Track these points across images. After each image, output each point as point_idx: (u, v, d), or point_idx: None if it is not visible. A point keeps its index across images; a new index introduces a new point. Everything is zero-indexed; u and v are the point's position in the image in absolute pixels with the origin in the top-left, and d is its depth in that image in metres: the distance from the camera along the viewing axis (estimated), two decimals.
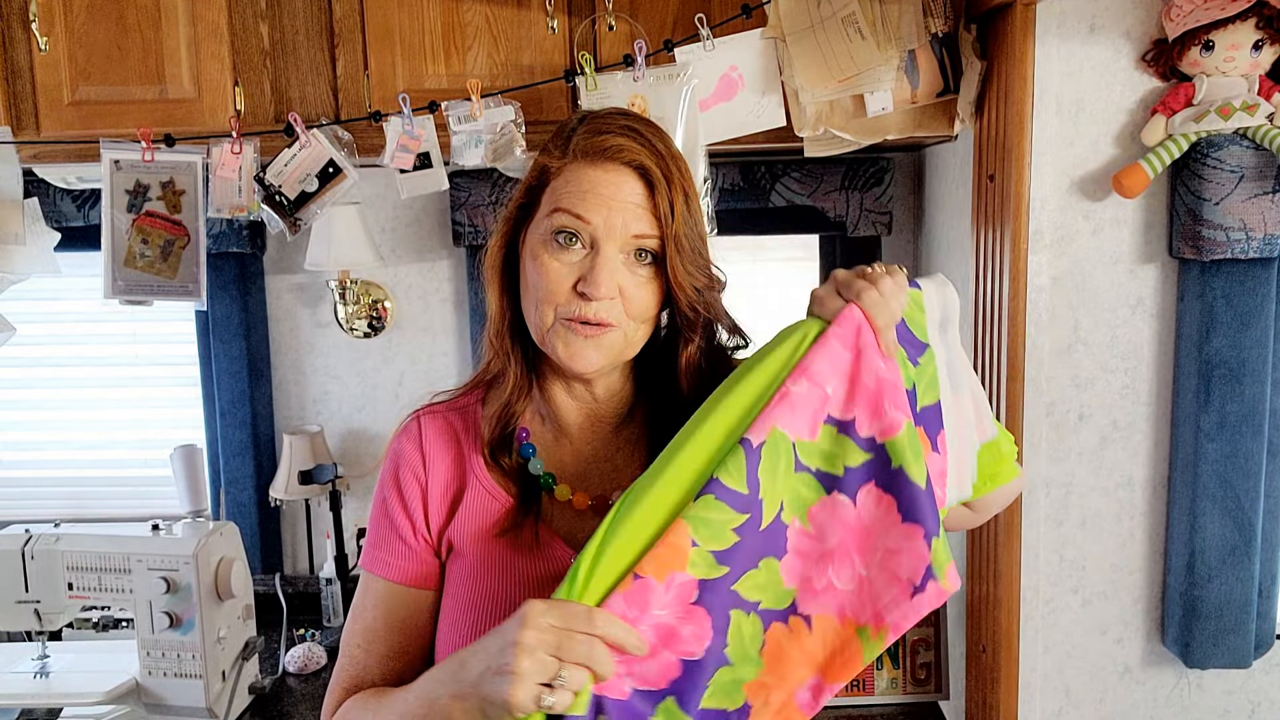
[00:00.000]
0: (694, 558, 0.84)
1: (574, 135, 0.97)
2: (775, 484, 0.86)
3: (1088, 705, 1.63)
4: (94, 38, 1.64)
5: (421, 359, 2.28)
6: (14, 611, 1.73)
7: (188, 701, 1.72)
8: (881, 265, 0.92)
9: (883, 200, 2.08)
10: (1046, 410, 1.56)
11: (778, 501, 0.87)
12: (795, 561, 0.87)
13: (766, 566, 0.86)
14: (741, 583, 0.86)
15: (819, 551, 0.87)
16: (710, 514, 0.84)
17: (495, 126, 1.56)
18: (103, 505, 2.41)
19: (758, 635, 0.86)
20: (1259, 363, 1.48)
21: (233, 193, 1.61)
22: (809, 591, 0.87)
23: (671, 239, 0.95)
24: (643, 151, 0.95)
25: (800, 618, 0.87)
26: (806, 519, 0.87)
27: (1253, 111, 1.42)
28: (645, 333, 1.00)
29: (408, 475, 1.04)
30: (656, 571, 0.83)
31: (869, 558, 0.87)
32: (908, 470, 0.87)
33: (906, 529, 0.87)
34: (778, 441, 0.86)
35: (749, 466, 0.84)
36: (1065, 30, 1.47)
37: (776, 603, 0.87)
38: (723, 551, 0.84)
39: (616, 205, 0.93)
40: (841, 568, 0.87)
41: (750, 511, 0.85)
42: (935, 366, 0.93)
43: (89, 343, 2.36)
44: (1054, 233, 1.52)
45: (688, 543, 0.83)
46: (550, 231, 0.95)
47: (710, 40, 1.53)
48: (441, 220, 2.21)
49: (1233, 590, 1.53)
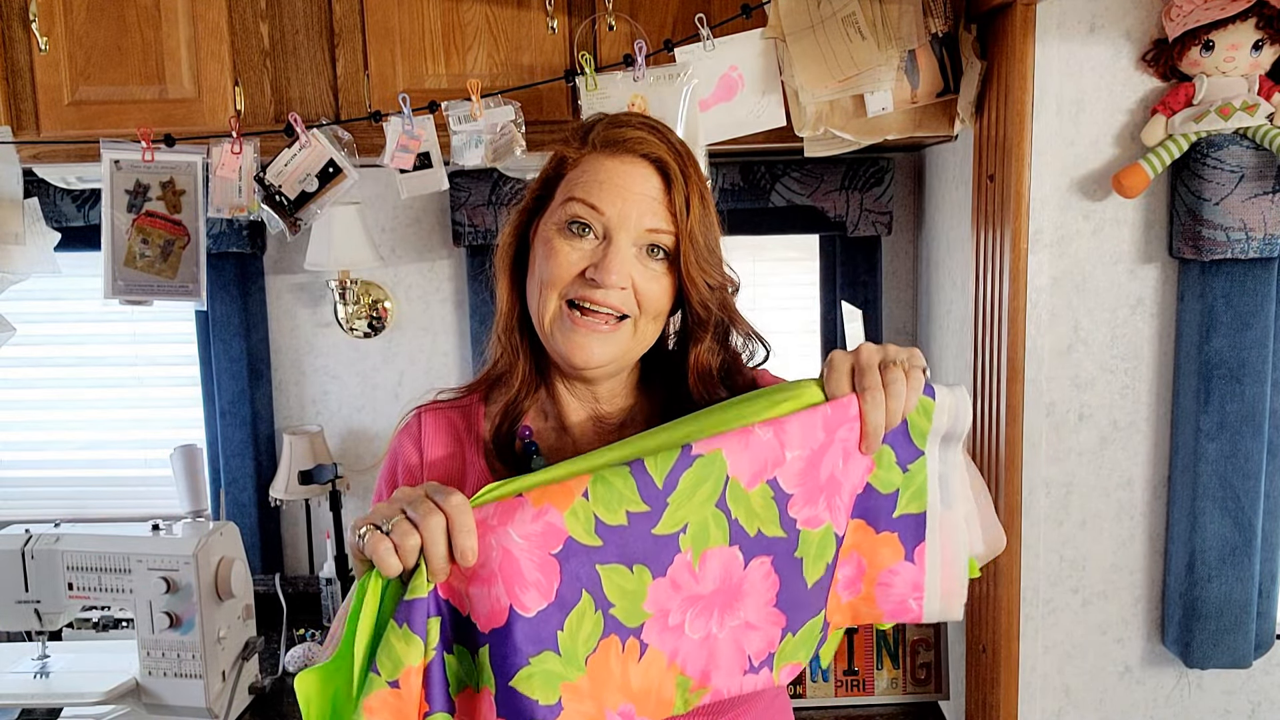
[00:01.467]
0: (577, 507, 0.80)
1: (594, 128, 0.97)
2: (690, 500, 0.83)
3: (1088, 705, 1.63)
4: (94, 38, 1.64)
5: (421, 359, 2.28)
6: (14, 611, 1.73)
7: (188, 701, 1.72)
8: (909, 357, 0.87)
9: (883, 200, 2.08)
10: (1046, 410, 1.56)
11: (683, 521, 0.84)
12: (665, 588, 0.84)
13: (638, 575, 0.83)
14: (608, 572, 0.82)
15: (691, 592, 0.85)
16: (615, 480, 0.81)
17: (495, 126, 1.56)
18: (103, 505, 2.41)
19: (593, 639, 0.82)
20: (1259, 363, 1.48)
21: (233, 193, 1.61)
22: (660, 622, 0.85)
23: (686, 235, 0.94)
24: (661, 146, 0.94)
25: (639, 642, 0.84)
26: (699, 556, 0.85)
27: (1253, 111, 1.42)
28: (654, 330, 0.99)
29: (403, 471, 1.04)
30: (536, 498, 0.80)
31: (728, 621, 0.87)
32: (804, 566, 0.87)
33: (772, 614, 0.87)
34: (715, 464, 0.83)
35: (676, 467, 0.82)
36: (1065, 30, 1.47)
37: (626, 618, 0.84)
38: (606, 526, 0.81)
39: (632, 197, 0.93)
40: (700, 617, 0.86)
41: (653, 508, 0.82)
42: (925, 476, 0.89)
43: (89, 343, 2.36)
44: (1054, 233, 1.52)
45: (580, 491, 0.81)
46: (564, 220, 0.94)
47: (710, 40, 1.53)
48: (441, 220, 2.21)
49: (1233, 590, 1.53)
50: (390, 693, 0.77)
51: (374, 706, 0.76)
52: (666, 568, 0.84)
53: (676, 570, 0.84)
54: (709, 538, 0.85)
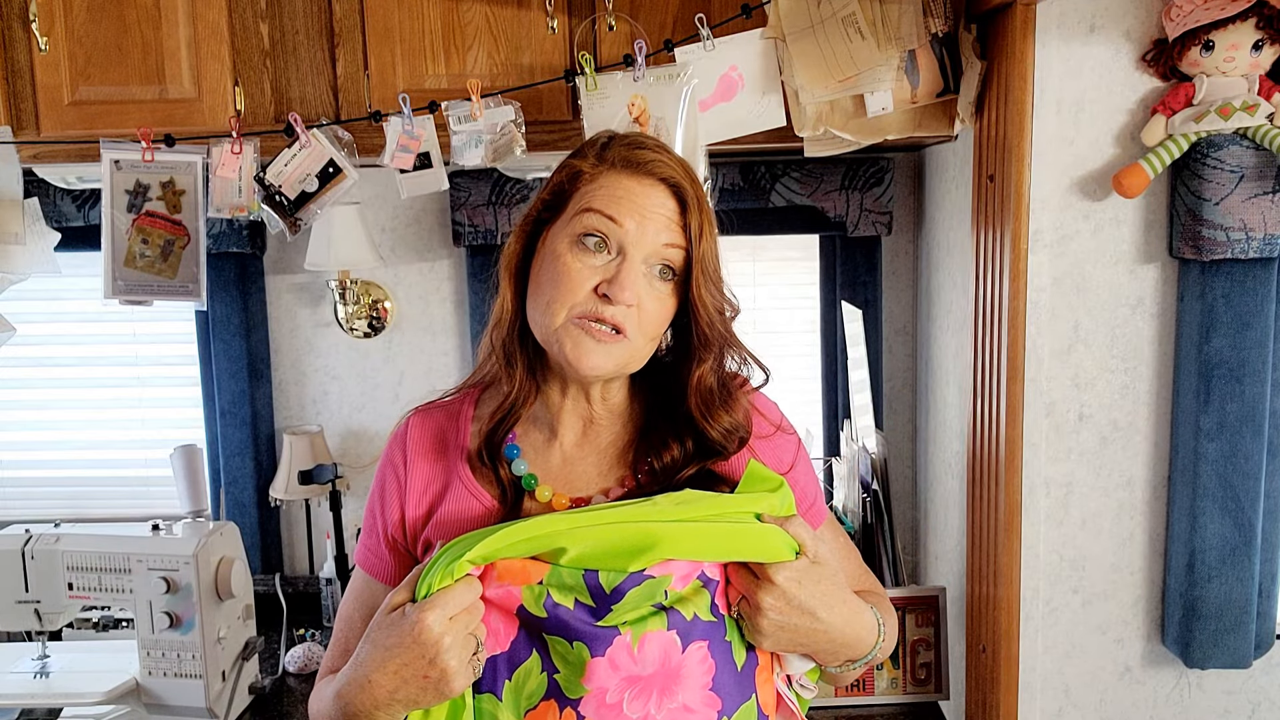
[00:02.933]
0: (535, 587, 0.92)
1: (609, 145, 1.00)
2: (636, 607, 0.92)
3: (1088, 705, 1.63)
4: (94, 38, 1.64)
5: (421, 359, 2.29)
6: (14, 611, 1.73)
7: (188, 701, 1.72)
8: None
9: (883, 200, 2.08)
10: (1046, 410, 1.56)
11: (624, 619, 0.91)
12: (604, 667, 0.90)
13: (578, 651, 0.91)
14: (553, 641, 0.92)
15: (630, 673, 0.91)
16: (568, 579, 0.92)
17: (495, 126, 1.56)
18: (103, 505, 2.41)
19: (535, 696, 0.92)
20: (1259, 363, 1.48)
21: (233, 193, 1.61)
22: (598, 699, 0.90)
23: (698, 258, 0.97)
24: (678, 171, 0.98)
25: (576, 714, 0.91)
26: (638, 640, 0.91)
27: (1253, 111, 1.42)
28: (650, 349, 1.01)
29: (389, 474, 1.07)
30: (501, 573, 0.92)
31: (665, 702, 0.92)
32: (733, 649, 0.95)
33: (708, 697, 0.93)
34: (663, 582, 0.93)
35: (625, 583, 0.92)
36: (1065, 30, 1.47)
37: (567, 687, 0.91)
38: (554, 603, 0.91)
39: (650, 215, 0.95)
40: (639, 698, 0.91)
41: (599, 606, 0.92)
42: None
43: (89, 343, 2.36)
44: (1054, 233, 1.52)
45: (538, 578, 0.93)
46: (579, 232, 0.96)
47: (710, 40, 1.53)
48: (441, 220, 2.21)
49: (1232, 590, 1.53)
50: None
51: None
52: (605, 648, 0.91)
53: (615, 651, 0.91)
54: (646, 624, 0.92)
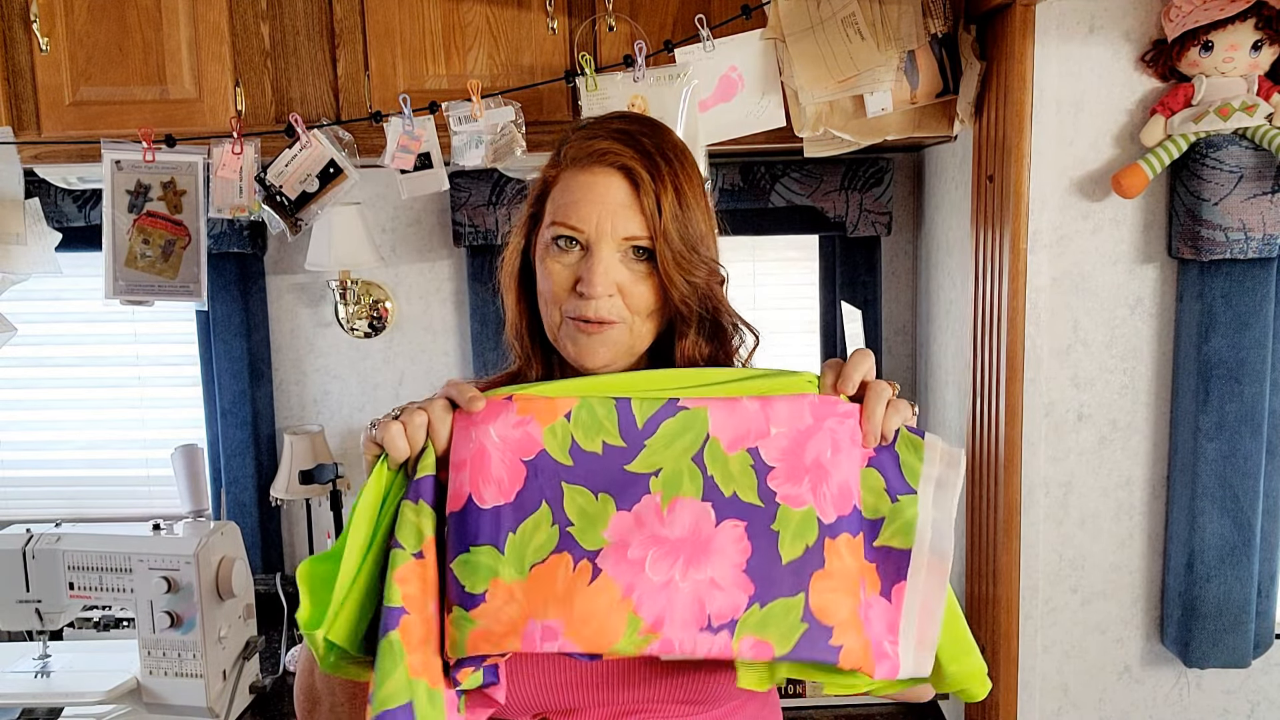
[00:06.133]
0: (557, 426, 0.85)
1: (567, 143, 1.00)
2: (668, 448, 0.85)
3: (1087, 705, 1.63)
4: (95, 38, 1.64)
5: (422, 359, 2.29)
6: (15, 611, 1.73)
7: (188, 701, 1.72)
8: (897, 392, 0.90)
9: (882, 200, 2.08)
10: (1046, 410, 1.56)
11: (657, 465, 0.85)
12: (629, 522, 0.83)
13: (603, 503, 0.84)
14: (572, 492, 0.84)
15: (656, 533, 0.84)
16: (599, 410, 0.85)
17: (495, 127, 1.56)
18: (103, 505, 2.41)
19: (544, 550, 0.83)
20: (1258, 363, 1.48)
21: (233, 193, 1.61)
22: (618, 552, 0.83)
23: (660, 235, 0.95)
24: (626, 153, 0.96)
25: (592, 565, 0.83)
26: (669, 502, 0.84)
27: (1252, 112, 1.42)
28: (651, 327, 1.00)
29: None
30: (522, 406, 0.85)
31: (692, 573, 0.84)
32: (780, 540, 0.85)
33: (740, 579, 0.84)
34: (697, 419, 0.85)
35: (659, 413, 0.85)
36: (1065, 30, 1.47)
37: (583, 539, 0.83)
38: (581, 450, 0.85)
39: (606, 209, 0.95)
40: (663, 560, 0.84)
41: (629, 445, 0.85)
42: (915, 514, 0.88)
43: (90, 343, 2.36)
44: (1053, 233, 1.52)
45: (564, 412, 0.85)
46: (549, 239, 0.98)
47: (710, 41, 1.53)
48: (442, 220, 2.21)
49: (1232, 590, 1.53)
50: (416, 563, 0.84)
51: (405, 577, 0.83)
52: (633, 504, 0.84)
53: (643, 508, 0.84)
54: (681, 487, 0.85)
